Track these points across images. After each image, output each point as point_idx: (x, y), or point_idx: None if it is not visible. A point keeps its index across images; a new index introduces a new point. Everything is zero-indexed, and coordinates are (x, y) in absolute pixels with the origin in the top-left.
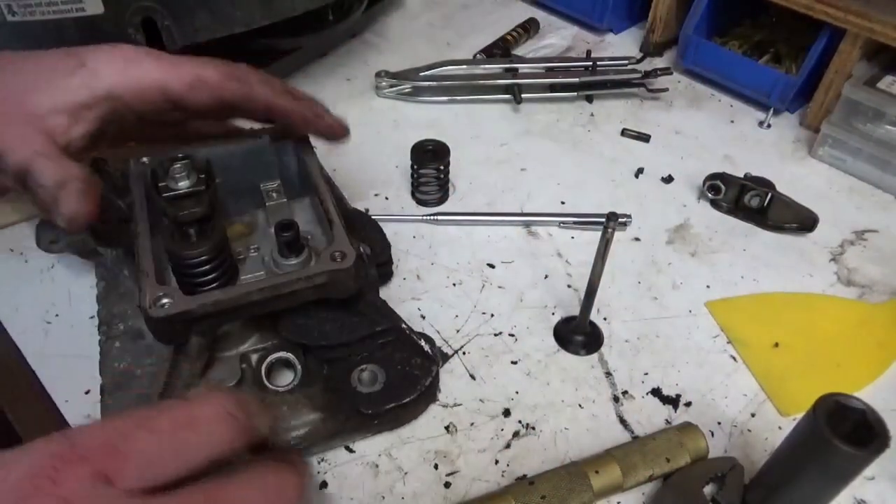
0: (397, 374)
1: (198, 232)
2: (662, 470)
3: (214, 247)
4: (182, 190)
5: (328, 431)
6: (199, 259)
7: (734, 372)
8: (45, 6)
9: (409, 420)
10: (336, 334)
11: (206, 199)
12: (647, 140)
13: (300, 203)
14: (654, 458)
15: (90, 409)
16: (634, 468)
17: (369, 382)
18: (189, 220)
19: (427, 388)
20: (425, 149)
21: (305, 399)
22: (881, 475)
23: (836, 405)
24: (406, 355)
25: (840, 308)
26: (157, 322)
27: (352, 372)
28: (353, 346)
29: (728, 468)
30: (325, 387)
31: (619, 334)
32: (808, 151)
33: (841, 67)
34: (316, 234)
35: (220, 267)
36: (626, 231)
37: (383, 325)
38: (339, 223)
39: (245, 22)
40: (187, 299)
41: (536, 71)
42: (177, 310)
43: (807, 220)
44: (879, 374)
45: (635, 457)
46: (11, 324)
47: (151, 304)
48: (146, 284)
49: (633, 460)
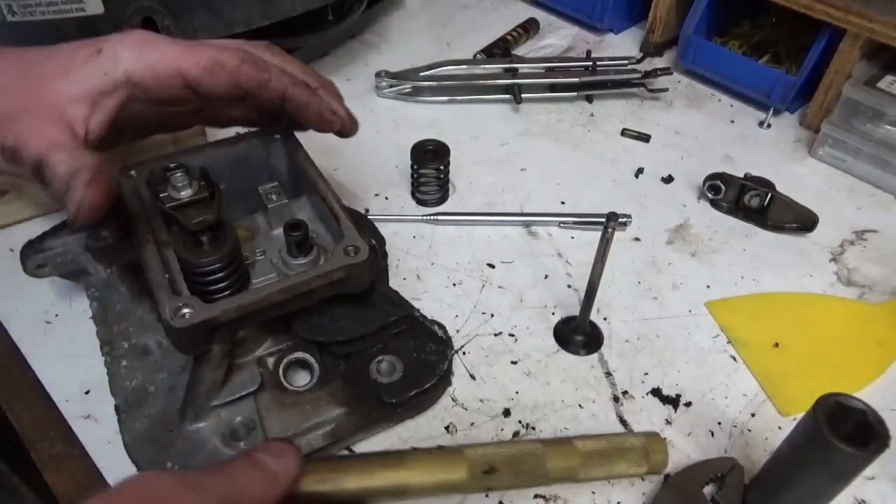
0: (415, 362)
1: (210, 239)
2: (619, 472)
3: (229, 252)
4: (185, 199)
5: (354, 425)
6: (215, 266)
7: (734, 372)
8: (45, 6)
9: (431, 405)
10: (352, 328)
11: (214, 206)
12: (647, 140)
13: (298, 202)
14: (616, 460)
15: (90, 409)
16: (591, 464)
17: (388, 372)
18: (202, 228)
19: (444, 371)
20: (425, 149)
21: (327, 396)
22: (881, 475)
23: (836, 405)
24: (421, 342)
25: (840, 308)
26: (181, 332)
27: (370, 364)
28: (368, 338)
29: (728, 468)
30: (345, 381)
31: (619, 334)
32: (808, 151)
33: (841, 67)
34: (320, 231)
35: (236, 272)
36: (626, 231)
37: (396, 315)
38: (345, 218)
39: (245, 22)
40: (208, 307)
41: (536, 71)
42: (199, 318)
43: (807, 220)
44: (879, 374)
45: (596, 456)
46: (11, 324)
47: (172, 314)
48: (163, 296)
49: (594, 458)
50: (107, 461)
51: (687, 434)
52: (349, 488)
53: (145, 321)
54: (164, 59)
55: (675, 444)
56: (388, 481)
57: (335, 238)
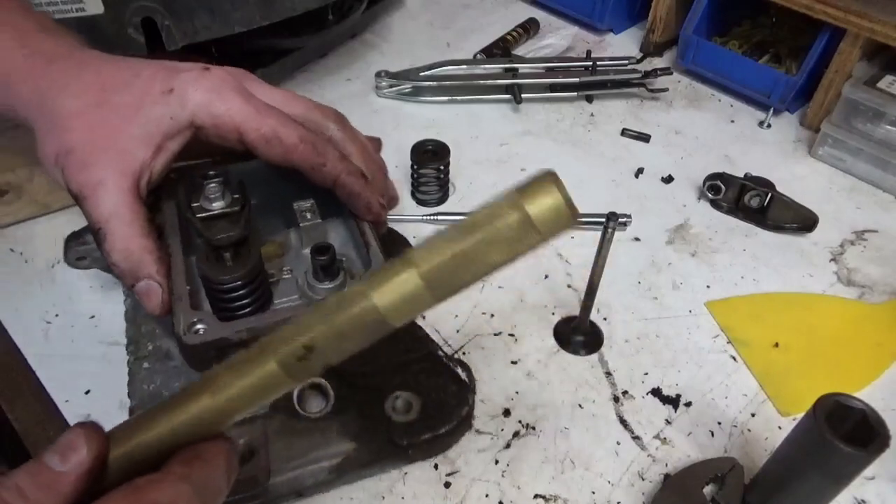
0: (432, 402)
1: (233, 255)
2: (496, 261)
3: (250, 271)
4: (216, 210)
5: (361, 462)
6: (234, 284)
7: (734, 372)
8: (46, 6)
9: (444, 450)
10: (370, 359)
11: (241, 221)
12: (647, 140)
13: (333, 223)
14: (479, 257)
15: (90, 409)
16: (441, 282)
17: (404, 410)
18: (225, 244)
19: (463, 417)
20: (425, 149)
21: (338, 426)
22: (881, 475)
23: (836, 405)
24: (441, 382)
25: (840, 308)
26: (192, 349)
27: (386, 399)
28: (387, 372)
29: (728, 468)
30: (359, 414)
31: (619, 334)
32: (808, 151)
33: (841, 67)
34: (350, 255)
35: (256, 291)
36: (626, 231)
37: (418, 352)
38: (376, 246)
39: (245, 22)
40: (222, 326)
41: (536, 71)
42: (212, 337)
43: (807, 220)
44: (879, 374)
45: (445, 272)
46: (11, 324)
47: (186, 330)
48: (180, 309)
49: (441, 275)
50: None
51: (687, 434)
52: (162, 434)
53: (171, 325)
54: (228, 116)
55: (675, 444)
56: (200, 408)
57: (364, 264)
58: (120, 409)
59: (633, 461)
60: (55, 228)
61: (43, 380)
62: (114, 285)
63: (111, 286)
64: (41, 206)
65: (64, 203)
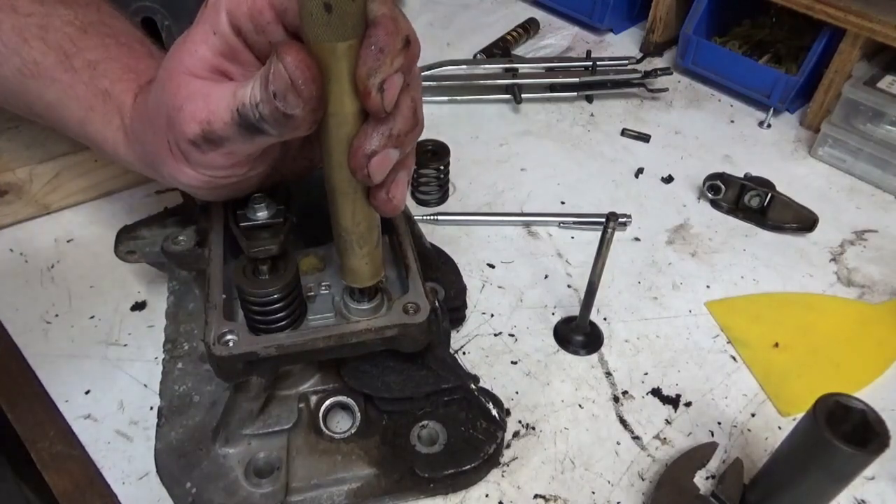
0: (459, 437)
1: (270, 269)
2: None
3: (285, 286)
4: (259, 221)
5: (380, 490)
6: (269, 298)
7: (734, 372)
8: None
9: (467, 486)
10: (399, 387)
11: (281, 235)
12: (647, 140)
13: None
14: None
15: (90, 409)
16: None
17: (429, 441)
18: (262, 257)
19: (490, 455)
20: (425, 149)
21: (361, 451)
22: (881, 475)
23: (836, 405)
24: (471, 416)
25: (840, 308)
26: (220, 360)
27: (412, 427)
28: (416, 399)
29: (711, 453)
30: (383, 440)
31: (619, 334)
32: (808, 151)
33: (841, 67)
34: (390, 276)
35: (289, 307)
36: (626, 231)
37: (450, 384)
38: (416, 270)
39: None
40: (252, 339)
41: (536, 71)
42: (240, 350)
43: (807, 220)
44: (879, 374)
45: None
46: (11, 324)
47: (216, 340)
48: (213, 318)
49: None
50: (106, 461)
51: (687, 434)
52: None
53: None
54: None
55: (675, 445)
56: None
57: (403, 287)
58: (120, 409)
59: (633, 461)
60: (55, 228)
61: (43, 380)
62: (114, 285)
63: (111, 286)
64: (41, 206)
65: (64, 203)
